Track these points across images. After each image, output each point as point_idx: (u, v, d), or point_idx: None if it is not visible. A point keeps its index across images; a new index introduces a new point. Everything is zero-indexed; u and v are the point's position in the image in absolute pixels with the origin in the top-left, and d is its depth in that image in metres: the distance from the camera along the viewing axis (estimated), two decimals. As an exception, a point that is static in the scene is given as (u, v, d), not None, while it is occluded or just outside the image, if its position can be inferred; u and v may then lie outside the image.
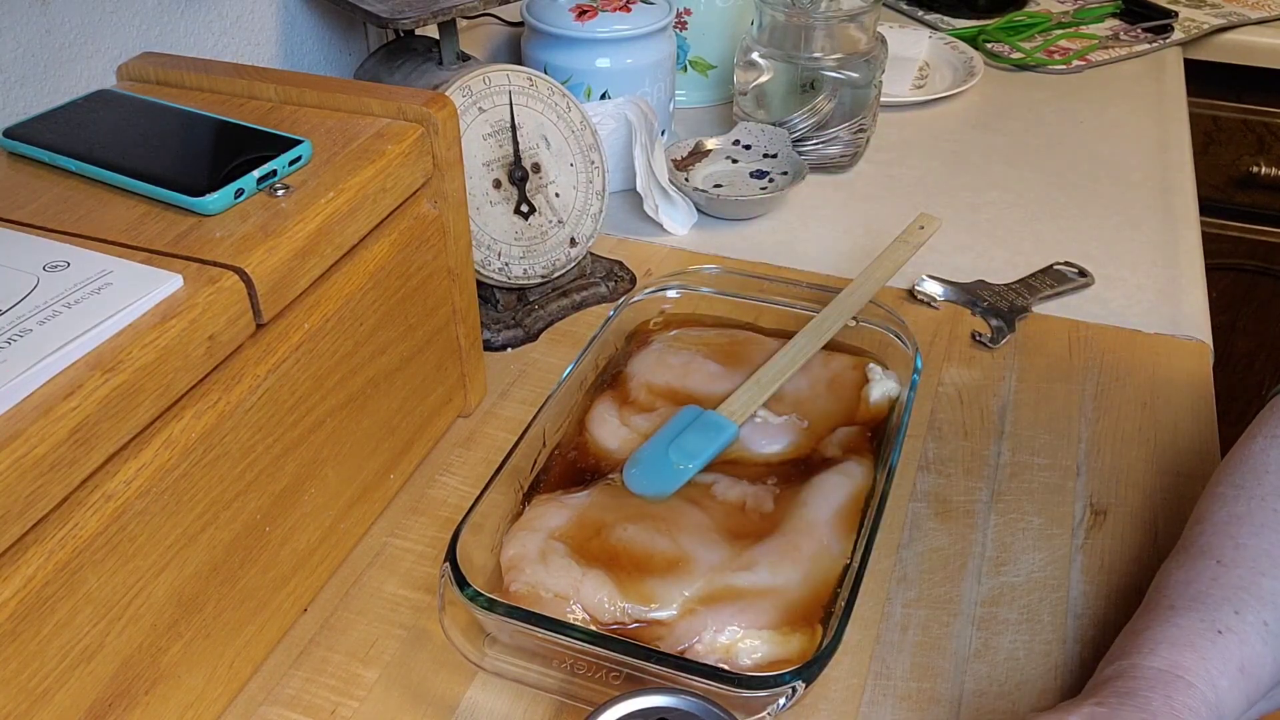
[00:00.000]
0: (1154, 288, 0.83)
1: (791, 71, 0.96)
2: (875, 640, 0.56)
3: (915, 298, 0.82)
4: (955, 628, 0.57)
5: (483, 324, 0.77)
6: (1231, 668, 0.48)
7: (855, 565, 0.53)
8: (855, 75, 0.95)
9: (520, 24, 1.01)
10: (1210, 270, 0.91)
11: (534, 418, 0.61)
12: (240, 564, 0.51)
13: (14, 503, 0.38)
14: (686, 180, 0.93)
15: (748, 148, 0.98)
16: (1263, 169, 1.40)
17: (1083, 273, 0.84)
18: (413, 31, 0.86)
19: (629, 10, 0.95)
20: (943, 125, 1.10)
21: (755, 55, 0.98)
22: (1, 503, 0.37)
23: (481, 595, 0.50)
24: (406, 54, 0.85)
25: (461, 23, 0.95)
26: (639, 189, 0.90)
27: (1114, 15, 1.36)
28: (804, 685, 0.47)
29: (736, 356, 0.69)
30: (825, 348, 0.70)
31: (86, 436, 0.40)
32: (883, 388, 0.66)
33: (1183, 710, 0.45)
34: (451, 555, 0.51)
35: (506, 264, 0.76)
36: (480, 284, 0.74)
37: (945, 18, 1.35)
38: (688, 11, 1.09)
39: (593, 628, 0.51)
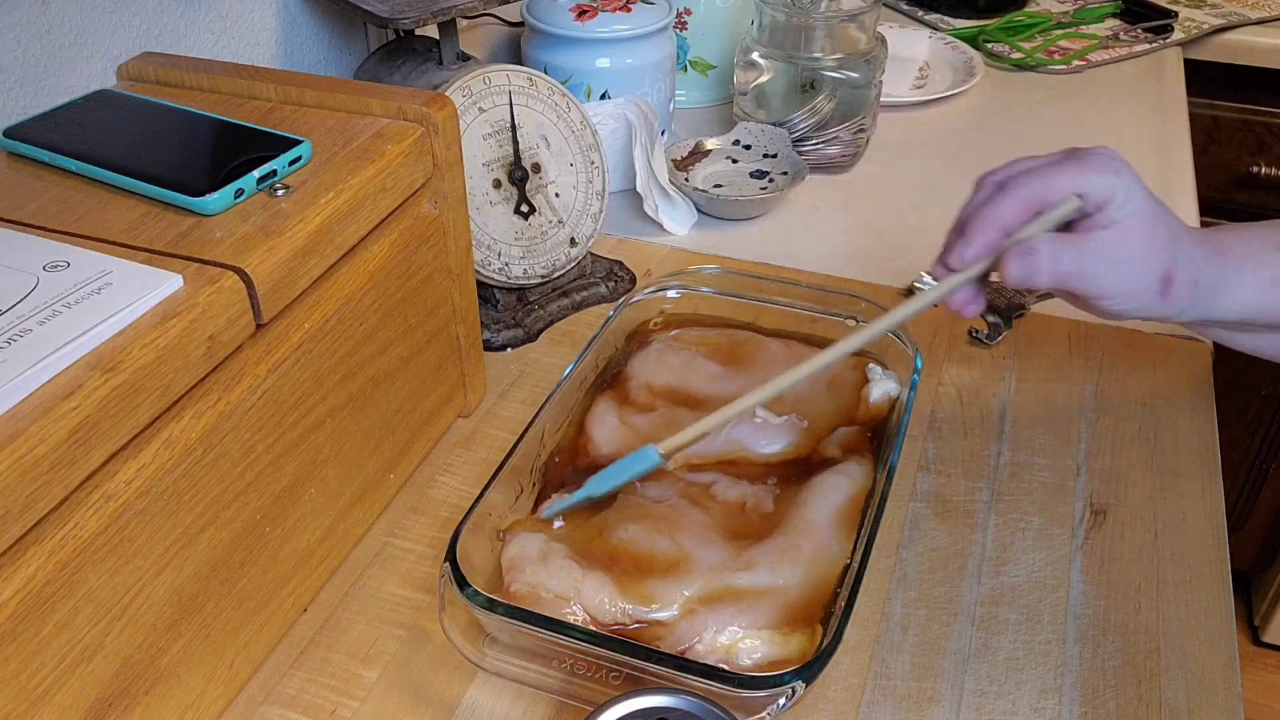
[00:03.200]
0: (1154, 288, 0.83)
1: (791, 71, 0.96)
2: (875, 640, 0.56)
3: (913, 295, 0.82)
4: (955, 628, 0.57)
5: (483, 324, 0.77)
6: (1264, 273, 0.56)
7: (855, 565, 0.53)
8: (855, 75, 0.95)
9: (520, 24, 1.01)
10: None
11: (534, 418, 0.61)
12: (240, 564, 0.51)
13: (14, 503, 0.38)
14: (686, 180, 0.93)
15: (748, 148, 0.98)
16: (1263, 169, 1.40)
17: (1083, 273, 0.84)
18: (413, 31, 0.86)
19: (629, 10, 0.95)
20: (943, 125, 1.10)
21: (755, 55, 0.98)
22: (1, 503, 0.37)
23: (481, 595, 0.50)
24: (406, 54, 0.85)
25: (461, 23, 0.95)
26: (639, 189, 0.90)
27: (1114, 15, 1.36)
28: (804, 685, 0.47)
29: (736, 356, 0.69)
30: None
31: (86, 436, 0.40)
32: (883, 388, 0.66)
33: (1193, 247, 0.54)
34: (451, 555, 0.51)
35: (506, 264, 0.76)
36: (480, 284, 0.74)
37: (945, 18, 1.35)
38: (688, 11, 1.09)
39: (593, 628, 0.51)
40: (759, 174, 0.96)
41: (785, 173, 0.95)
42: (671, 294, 0.74)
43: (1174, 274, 0.55)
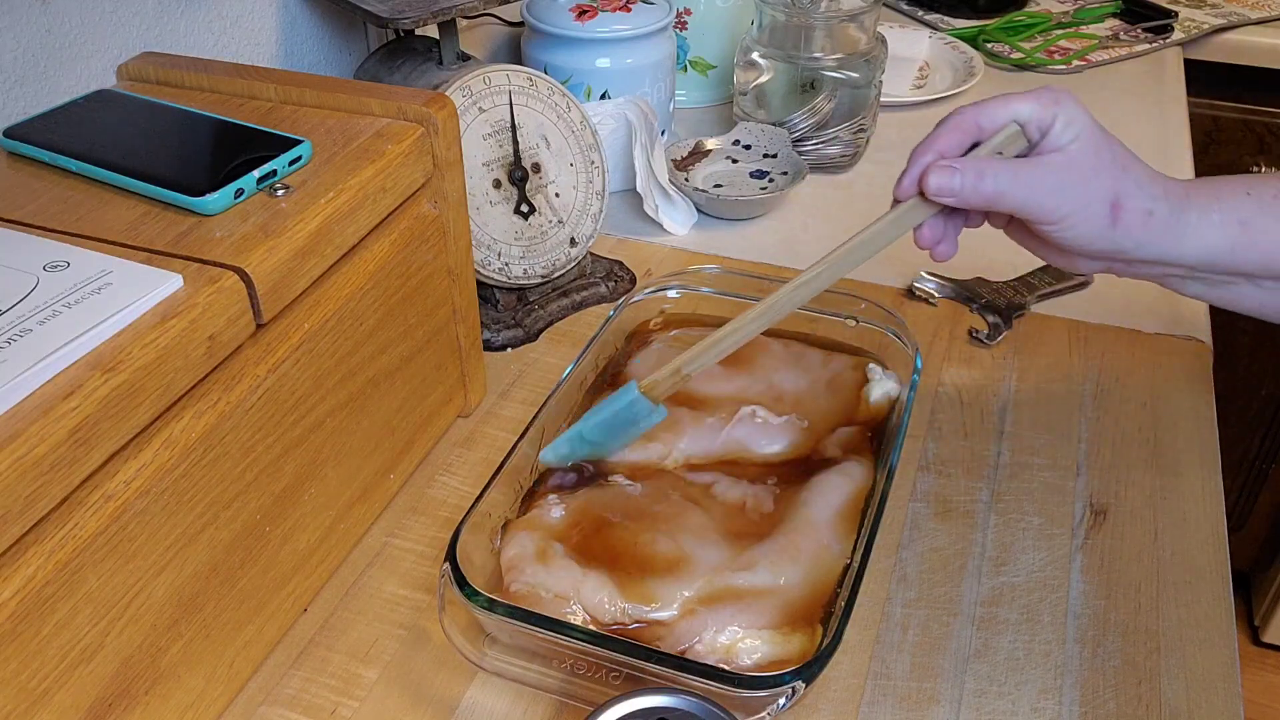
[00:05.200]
0: (1154, 287, 0.83)
1: (791, 71, 0.96)
2: (875, 640, 0.56)
3: (913, 295, 0.82)
4: (955, 628, 0.57)
5: (483, 324, 0.77)
6: (1233, 215, 0.56)
7: (855, 565, 0.53)
8: (855, 75, 0.95)
9: (520, 24, 1.01)
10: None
11: (534, 418, 0.61)
12: (240, 564, 0.51)
13: (14, 503, 0.38)
14: (686, 180, 0.93)
15: (748, 148, 0.98)
16: (1263, 169, 1.40)
17: (1082, 272, 0.84)
18: (413, 31, 0.86)
19: (629, 10, 0.95)
20: (943, 125, 1.10)
21: (755, 55, 0.98)
22: (1, 503, 0.37)
23: (481, 595, 0.50)
24: (406, 54, 0.85)
25: (461, 23, 0.95)
26: (639, 189, 0.90)
27: (1114, 15, 1.36)
28: (804, 685, 0.47)
29: (736, 356, 0.69)
30: (825, 348, 0.70)
31: (86, 436, 0.40)
32: (883, 388, 0.66)
33: (1145, 178, 0.55)
34: (451, 555, 0.51)
35: (506, 264, 0.76)
36: (480, 284, 0.74)
37: (945, 18, 1.35)
38: (688, 11, 1.09)
39: (593, 628, 0.51)
40: (759, 174, 0.96)
41: (785, 173, 0.95)
42: (671, 294, 0.74)
43: (1123, 200, 0.55)
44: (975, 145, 0.57)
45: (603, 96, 0.95)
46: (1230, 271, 0.58)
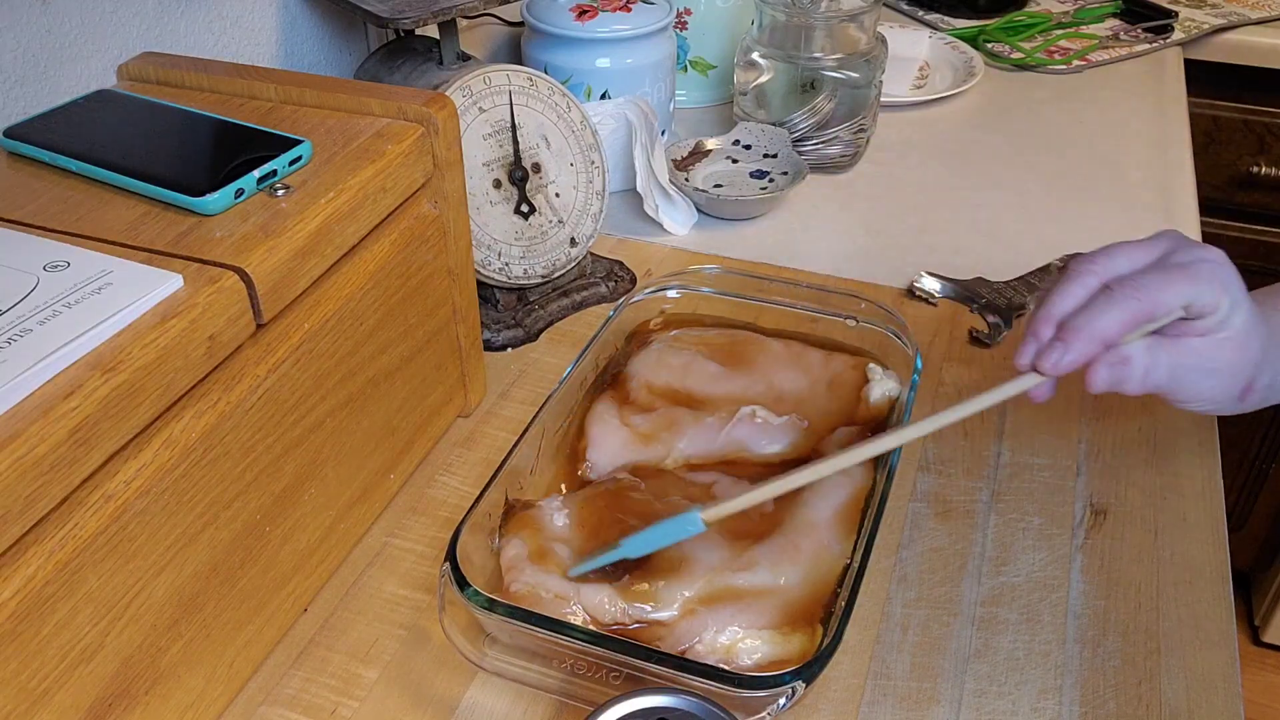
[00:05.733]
0: (1154, 288, 0.83)
1: (791, 71, 0.96)
2: (875, 640, 0.56)
3: (914, 294, 0.82)
4: (955, 628, 0.57)
5: (483, 324, 0.77)
6: None
7: (855, 565, 0.53)
8: (855, 75, 0.95)
9: (520, 24, 1.01)
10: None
11: (534, 418, 0.61)
12: (240, 564, 0.51)
13: (14, 503, 0.38)
14: (686, 180, 0.93)
15: (748, 148, 0.98)
16: (1263, 169, 1.40)
17: (1083, 273, 0.84)
18: (413, 31, 0.86)
19: (629, 10, 0.95)
20: (943, 125, 1.10)
21: (755, 55, 0.98)
22: (1, 503, 0.37)
23: (481, 595, 0.50)
24: (406, 54, 0.85)
25: (461, 23, 0.95)
26: (639, 189, 0.90)
27: (1114, 15, 1.36)
28: (804, 685, 0.47)
29: (736, 356, 0.69)
30: (826, 348, 0.70)
31: (86, 436, 0.40)
32: (883, 388, 0.66)
33: (1275, 351, 0.54)
34: (451, 555, 0.51)
35: (506, 264, 0.76)
36: (480, 284, 0.74)
37: (945, 18, 1.35)
38: (688, 11, 1.09)
39: (593, 628, 0.51)
40: (759, 174, 0.96)
41: (785, 173, 0.95)
42: (671, 294, 0.74)
43: (1255, 383, 0.56)
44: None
45: (603, 96, 0.95)
46: None
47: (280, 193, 0.52)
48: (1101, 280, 0.52)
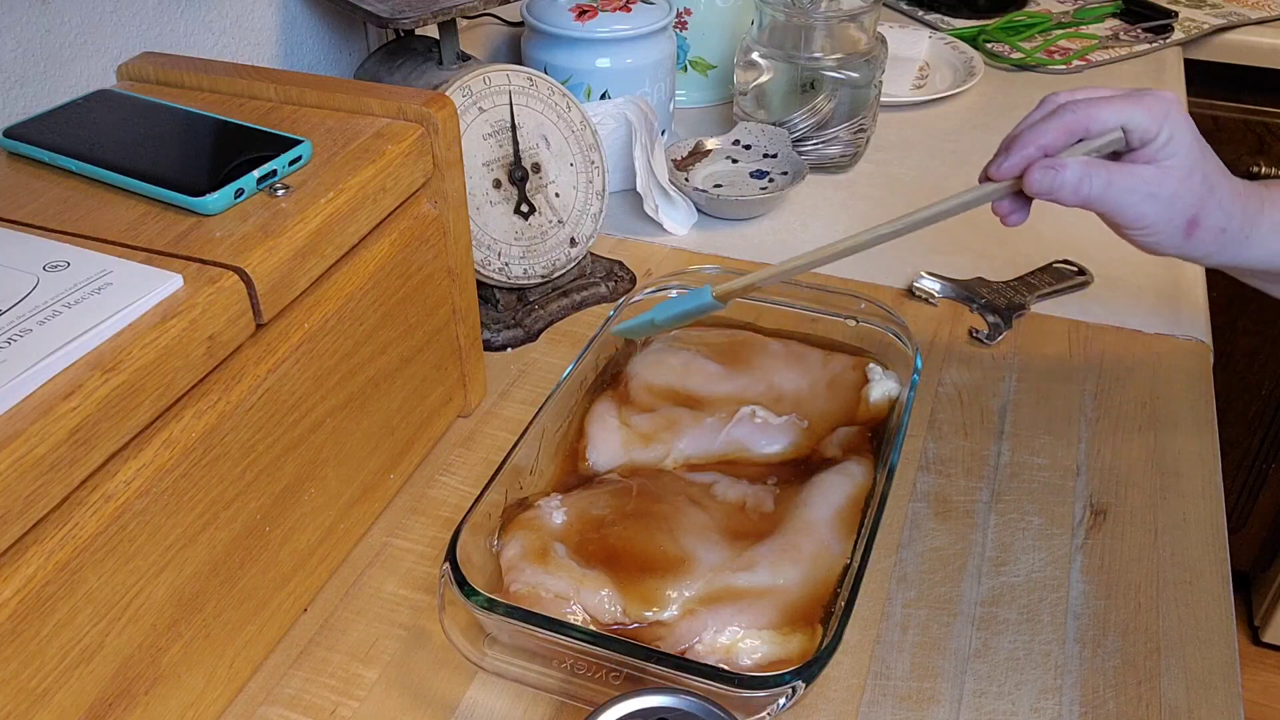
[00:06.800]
0: (1154, 288, 0.83)
1: (791, 71, 0.96)
2: (875, 640, 0.56)
3: (914, 294, 0.82)
4: (955, 628, 0.57)
5: (483, 324, 0.77)
6: None
7: (855, 565, 0.53)
8: (855, 75, 0.95)
9: (520, 24, 1.01)
10: (1211, 272, 0.91)
11: (534, 418, 0.61)
12: (240, 564, 0.51)
13: (14, 503, 0.38)
14: (686, 180, 0.93)
15: (748, 148, 0.98)
16: (1263, 169, 1.40)
17: (1081, 271, 0.84)
18: (413, 31, 0.86)
19: (629, 10, 0.95)
20: (943, 125, 1.10)
21: (755, 55, 0.98)
22: (1, 503, 0.37)
23: (481, 595, 0.50)
24: (406, 54, 0.85)
25: (461, 23, 0.95)
26: (639, 189, 0.90)
27: (1114, 15, 1.36)
28: (804, 685, 0.47)
29: (736, 356, 0.69)
30: (826, 348, 0.70)
31: (86, 436, 0.40)
32: (883, 388, 0.66)
33: (1229, 198, 0.57)
34: (451, 555, 0.51)
35: (506, 264, 0.76)
36: (480, 284, 0.74)
37: (945, 18, 1.35)
38: (688, 11, 1.09)
39: (593, 628, 0.51)
40: (759, 174, 0.96)
41: (785, 173, 0.95)
42: (672, 294, 0.74)
43: (1200, 219, 0.57)
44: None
45: (603, 96, 0.95)
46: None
47: (280, 193, 0.52)
48: (1055, 105, 0.59)
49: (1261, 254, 0.60)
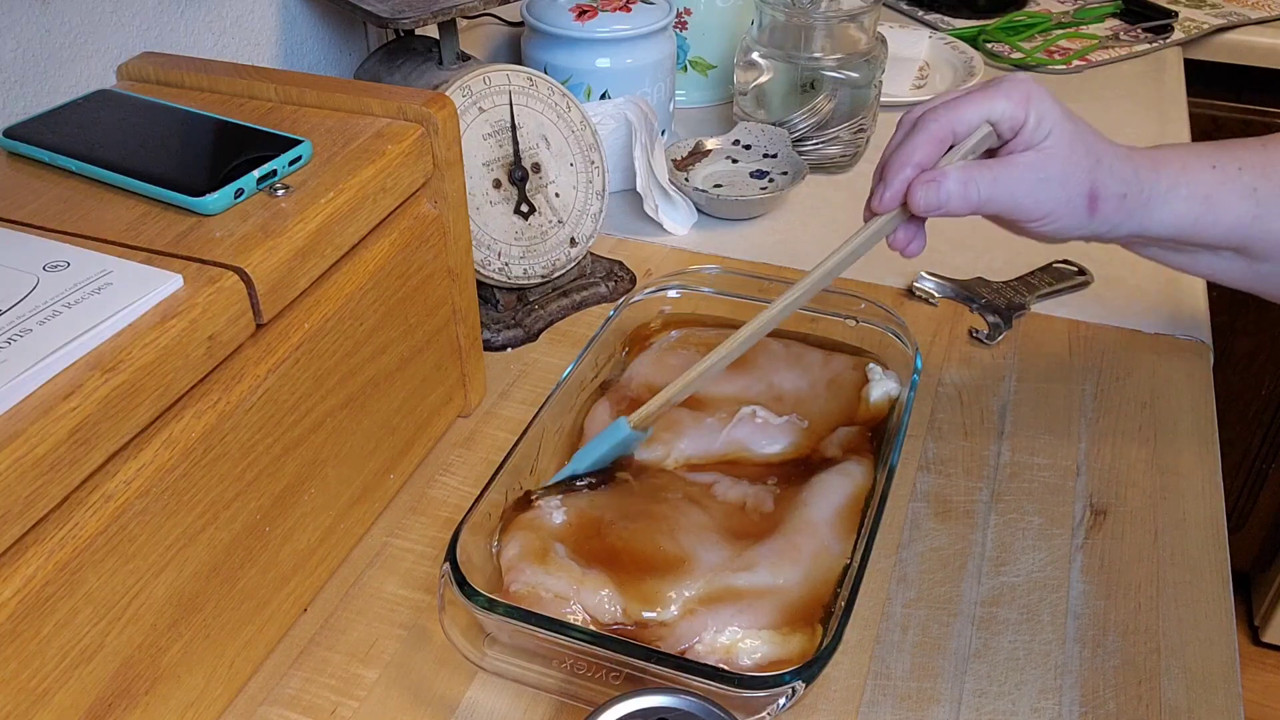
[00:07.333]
0: (1154, 288, 0.83)
1: (791, 71, 0.96)
2: (875, 640, 0.56)
3: (913, 294, 0.82)
4: (955, 628, 0.57)
5: (483, 324, 0.77)
6: (1198, 190, 0.56)
7: (855, 565, 0.53)
8: (855, 75, 0.95)
9: (520, 24, 1.01)
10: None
11: (534, 418, 0.61)
12: (240, 564, 0.51)
13: (14, 503, 0.38)
14: (686, 180, 0.93)
15: (748, 148, 0.98)
16: (1263, 169, 1.40)
17: (1081, 271, 0.84)
18: (413, 31, 0.86)
19: (629, 10, 0.95)
20: (943, 125, 1.10)
21: (755, 55, 0.98)
22: (1, 503, 0.38)
23: (481, 595, 0.50)
24: (406, 54, 0.85)
25: (461, 23, 0.95)
26: (639, 189, 0.90)
27: (1114, 15, 1.36)
28: (804, 685, 0.47)
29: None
30: (826, 348, 0.70)
31: (86, 436, 0.40)
32: (883, 388, 0.66)
33: (1117, 162, 0.55)
34: (451, 555, 0.51)
35: (506, 264, 0.76)
36: (480, 284, 0.74)
37: (945, 18, 1.35)
38: (688, 11, 1.09)
39: (593, 628, 0.51)
40: (759, 174, 0.96)
41: (785, 173, 0.95)
42: (671, 294, 0.74)
43: (1099, 190, 0.55)
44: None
45: (603, 96, 0.95)
46: (1192, 243, 0.59)
47: (280, 193, 0.52)
48: (913, 119, 0.57)
49: (1167, 217, 0.58)
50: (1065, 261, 0.85)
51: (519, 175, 0.76)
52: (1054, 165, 0.54)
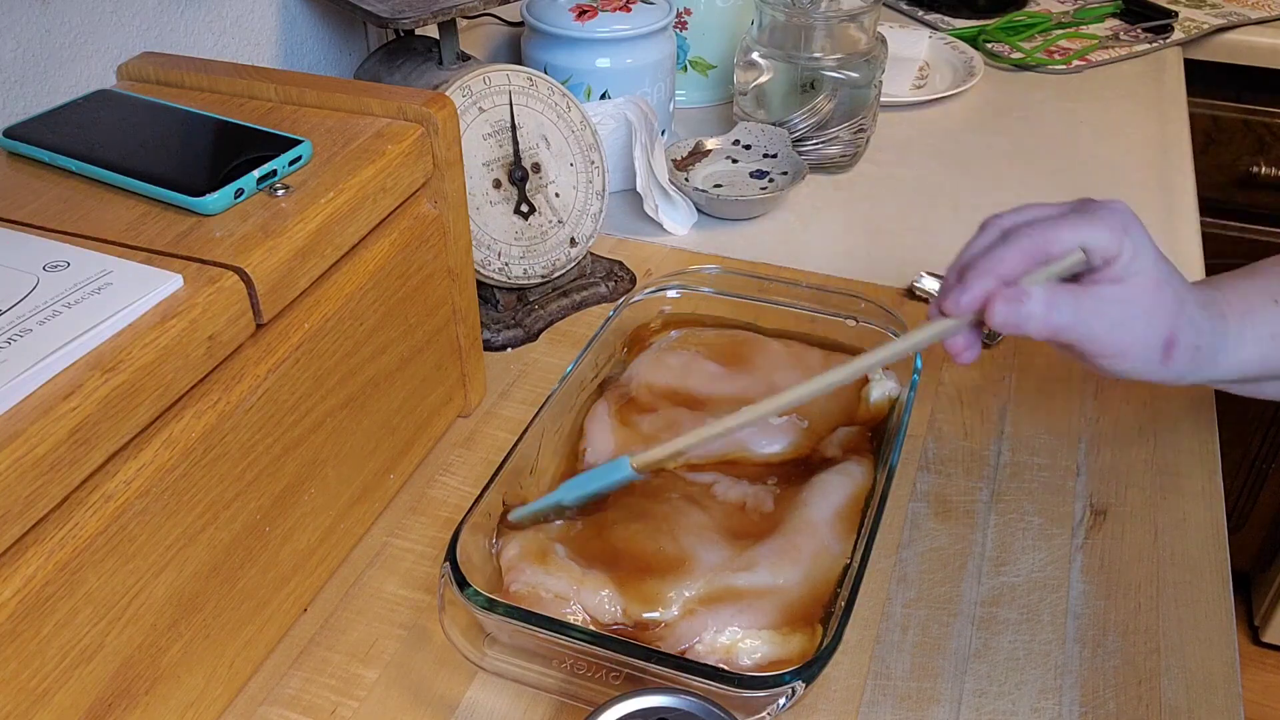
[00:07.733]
0: (1154, 288, 0.83)
1: (791, 71, 0.96)
2: (875, 640, 0.56)
3: (913, 294, 0.82)
4: (955, 628, 0.57)
5: (483, 324, 0.77)
6: (1265, 330, 0.56)
7: (855, 565, 0.53)
8: (855, 75, 0.95)
9: (520, 24, 1.01)
10: (1210, 270, 0.90)
11: (534, 418, 0.61)
12: (240, 564, 0.51)
13: (14, 503, 0.38)
14: (686, 180, 0.93)
15: (748, 148, 0.98)
16: (1263, 169, 1.40)
17: (1083, 273, 0.84)
18: (413, 31, 0.86)
19: (629, 10, 0.95)
20: (943, 125, 1.10)
21: (755, 55, 0.98)
22: (1, 503, 0.38)
23: (481, 595, 0.50)
24: (406, 54, 0.85)
25: (461, 23, 0.95)
26: (639, 189, 0.90)
27: (1114, 15, 1.36)
28: (804, 685, 0.47)
29: (736, 357, 0.69)
30: (826, 348, 0.70)
31: (86, 436, 0.40)
32: (883, 388, 0.66)
33: (1197, 310, 0.54)
34: (451, 555, 0.51)
35: (506, 264, 0.76)
36: (480, 284, 0.74)
37: (945, 18, 1.35)
38: (688, 11, 1.09)
39: (593, 628, 0.51)
40: (759, 174, 0.96)
41: (785, 173, 0.95)
42: (671, 294, 0.74)
43: (1177, 337, 0.53)
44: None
45: (603, 96, 0.95)
46: (1259, 379, 0.58)
47: (280, 193, 0.52)
48: (1004, 229, 0.53)
49: (1234, 364, 0.56)
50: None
51: (519, 175, 0.76)
52: (1138, 303, 0.52)
